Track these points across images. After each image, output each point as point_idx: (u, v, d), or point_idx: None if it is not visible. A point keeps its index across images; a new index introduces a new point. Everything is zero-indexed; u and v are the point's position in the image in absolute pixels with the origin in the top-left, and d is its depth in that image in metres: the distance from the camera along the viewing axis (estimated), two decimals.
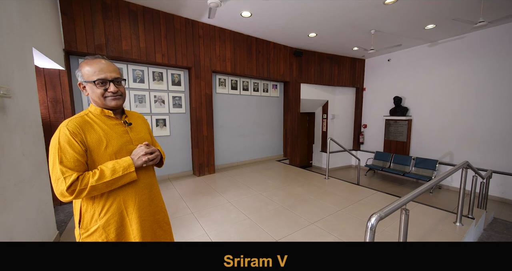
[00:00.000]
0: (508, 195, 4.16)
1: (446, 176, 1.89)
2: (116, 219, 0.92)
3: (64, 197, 0.81)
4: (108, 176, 0.85)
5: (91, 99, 0.95)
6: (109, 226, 0.91)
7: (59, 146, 0.82)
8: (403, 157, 5.54)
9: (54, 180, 0.81)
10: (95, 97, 0.92)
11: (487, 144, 4.43)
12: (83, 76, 0.91)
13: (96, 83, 0.90)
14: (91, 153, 0.88)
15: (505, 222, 3.16)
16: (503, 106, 4.20)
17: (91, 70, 0.90)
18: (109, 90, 0.92)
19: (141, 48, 3.39)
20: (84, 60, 0.93)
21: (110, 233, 0.91)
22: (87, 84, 0.91)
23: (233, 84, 4.80)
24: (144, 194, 1.00)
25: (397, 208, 1.29)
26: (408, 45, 5.29)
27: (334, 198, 3.10)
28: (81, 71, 0.91)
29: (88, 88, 0.92)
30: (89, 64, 0.91)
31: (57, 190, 0.80)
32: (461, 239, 2.10)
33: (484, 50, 4.36)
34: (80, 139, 0.85)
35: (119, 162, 0.90)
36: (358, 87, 6.69)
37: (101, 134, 0.91)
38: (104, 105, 0.95)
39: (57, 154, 0.81)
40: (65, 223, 2.46)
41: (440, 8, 3.41)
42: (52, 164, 0.82)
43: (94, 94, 0.92)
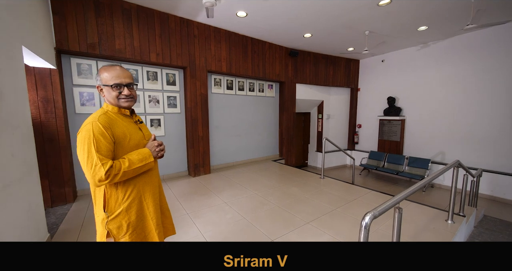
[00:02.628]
0: (497, 193, 4.27)
1: (438, 175, 1.92)
2: (136, 202, 1.06)
3: (100, 181, 0.92)
4: (136, 163, 1.00)
5: (107, 100, 1.09)
6: (131, 209, 1.04)
7: (94, 137, 0.93)
8: (397, 156, 5.62)
9: (91, 166, 0.91)
10: (110, 98, 1.07)
11: (477, 143, 4.54)
12: (101, 81, 1.06)
13: (113, 87, 1.05)
14: (117, 145, 1.01)
15: (494, 219, 3.25)
16: (491, 107, 4.31)
17: (109, 75, 1.05)
18: (123, 93, 1.07)
19: (135, 47, 3.35)
20: (102, 67, 1.08)
21: (131, 215, 1.04)
22: (104, 87, 1.06)
23: (229, 84, 4.78)
24: (155, 181, 1.17)
25: (390, 206, 1.31)
26: (401, 46, 5.37)
27: (329, 197, 3.13)
28: (100, 76, 1.06)
29: (105, 91, 1.07)
30: (107, 70, 1.06)
31: (95, 175, 0.90)
32: (452, 236, 2.14)
33: (474, 52, 4.46)
34: (110, 132, 0.99)
35: (141, 152, 1.05)
36: (353, 88, 6.76)
37: (124, 129, 1.05)
38: (118, 106, 1.09)
39: (93, 144, 0.93)
40: (57, 225, 2.41)
41: (432, 10, 3.48)
42: (87, 153, 0.92)
43: (110, 96, 1.07)
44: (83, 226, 2.40)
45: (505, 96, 4.14)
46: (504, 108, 4.17)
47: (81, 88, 3.21)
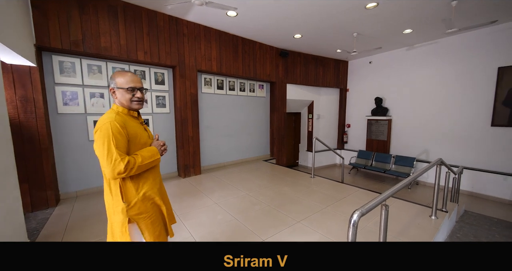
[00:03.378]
0: (477, 189, 4.50)
1: (422, 173, 2.00)
2: (148, 193, 1.19)
3: (119, 174, 1.04)
4: (147, 159, 1.14)
5: (119, 102, 1.19)
6: (145, 199, 1.17)
7: (113, 135, 1.05)
8: (384, 155, 5.79)
9: (111, 161, 1.02)
10: (123, 100, 1.18)
11: (458, 142, 4.75)
12: (116, 84, 1.16)
13: (128, 90, 1.16)
14: (130, 143, 1.13)
15: (474, 214, 3.41)
16: (471, 107, 4.53)
17: (124, 80, 1.17)
18: (136, 96, 1.19)
19: (122, 45, 3.25)
20: (116, 72, 1.20)
21: (146, 203, 1.18)
22: (118, 90, 1.16)
23: (219, 84, 4.75)
24: (159, 176, 1.31)
25: (377, 204, 1.35)
26: (388, 48, 5.54)
27: (320, 196, 3.17)
28: (115, 80, 1.16)
29: (119, 93, 1.17)
30: (122, 75, 1.18)
31: (115, 168, 1.02)
32: (436, 231, 2.23)
33: (456, 54, 4.67)
34: (125, 131, 1.11)
35: (150, 149, 1.19)
36: (342, 88, 6.90)
37: (135, 129, 1.17)
38: (129, 108, 1.20)
39: (112, 141, 1.04)
40: (38, 231, 2.29)
41: (415, 14, 3.61)
42: (107, 149, 1.03)
43: (123, 98, 1.17)
44: (67, 230, 2.30)
45: (484, 97, 4.36)
46: (483, 109, 4.39)
47: (63, 87, 3.08)
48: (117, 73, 1.18)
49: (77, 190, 3.26)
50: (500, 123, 4.20)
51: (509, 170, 4.16)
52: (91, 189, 3.36)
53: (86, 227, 2.37)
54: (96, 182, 3.41)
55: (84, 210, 2.78)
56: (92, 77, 3.27)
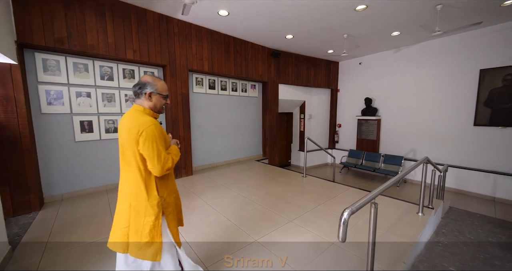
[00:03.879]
0: (461, 186, 4.68)
1: (409, 171, 2.06)
2: (173, 188, 1.36)
3: (167, 170, 1.19)
4: (176, 156, 1.29)
5: (152, 106, 1.26)
6: (170, 195, 1.30)
7: (158, 137, 1.17)
8: (374, 154, 5.92)
9: (161, 160, 1.16)
10: (159, 105, 1.28)
11: (443, 141, 4.93)
12: (157, 89, 1.24)
13: (164, 97, 1.29)
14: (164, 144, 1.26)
15: (459, 210, 3.55)
16: (455, 107, 4.71)
17: (164, 87, 1.28)
18: (167, 102, 1.33)
19: (110, 44, 3.16)
20: (153, 76, 1.27)
21: (171, 198, 1.30)
22: (157, 95, 1.25)
23: (211, 84, 4.71)
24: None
25: (367, 202, 1.37)
26: (377, 50, 5.67)
27: (311, 195, 3.21)
28: (156, 85, 1.24)
29: (155, 98, 1.25)
30: (161, 82, 1.28)
31: (165, 165, 1.17)
32: (423, 228, 2.30)
33: (441, 56, 4.85)
34: (164, 133, 1.26)
35: (174, 148, 1.33)
36: (333, 89, 7.01)
37: (164, 132, 1.27)
38: (159, 111, 1.30)
39: (159, 142, 1.16)
40: (20, 236, 2.19)
41: (403, 17, 3.71)
42: (157, 149, 1.15)
43: (159, 103, 1.27)
44: (52, 235, 2.21)
45: (467, 98, 4.55)
46: (466, 109, 4.58)
47: (47, 86, 2.96)
48: (155, 78, 1.26)
49: (63, 193, 3.14)
50: (481, 123, 4.40)
51: (490, 167, 4.36)
52: (78, 191, 3.25)
53: (73, 231, 2.28)
54: (85, 184, 3.30)
55: (70, 214, 2.68)
56: (78, 76, 3.16)
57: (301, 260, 1.81)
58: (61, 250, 1.97)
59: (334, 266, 1.74)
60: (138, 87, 1.23)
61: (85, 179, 3.31)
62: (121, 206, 1.21)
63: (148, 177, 1.18)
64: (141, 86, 1.22)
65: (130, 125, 1.15)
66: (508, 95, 4.08)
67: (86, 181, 3.32)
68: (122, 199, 1.22)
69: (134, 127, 1.13)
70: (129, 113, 1.23)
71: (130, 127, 1.14)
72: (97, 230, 2.29)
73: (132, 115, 1.20)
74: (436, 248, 2.41)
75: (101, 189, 3.44)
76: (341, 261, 1.80)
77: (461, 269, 2.06)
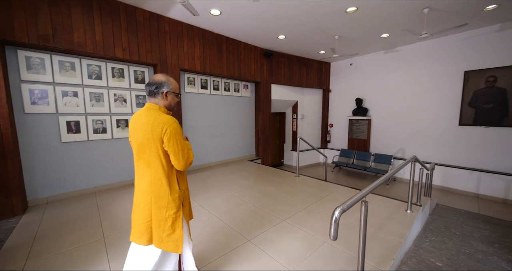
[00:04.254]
0: (447, 184, 4.85)
1: (398, 170, 2.11)
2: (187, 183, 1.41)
3: (190, 163, 1.28)
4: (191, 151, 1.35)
5: (168, 104, 1.32)
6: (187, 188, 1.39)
7: (180, 133, 1.24)
8: (364, 154, 6.04)
9: (185, 154, 1.24)
10: (173, 103, 1.35)
11: (430, 140, 5.09)
12: (172, 88, 1.30)
13: (177, 95, 1.36)
14: None
15: (445, 207, 3.67)
16: (441, 108, 4.88)
17: (177, 85, 1.36)
18: (179, 100, 1.41)
19: (98, 42, 3.08)
20: (166, 75, 1.31)
21: (186, 192, 1.38)
22: (172, 94, 1.31)
23: (203, 84, 4.66)
24: None
25: (357, 200, 1.40)
26: (367, 51, 5.79)
27: (304, 195, 3.23)
28: (172, 84, 1.30)
29: (171, 97, 1.32)
30: (174, 81, 1.34)
31: (188, 159, 1.26)
32: (411, 225, 2.37)
33: (428, 58, 5.00)
34: None
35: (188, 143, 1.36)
36: (325, 89, 7.10)
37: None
38: (172, 109, 1.37)
39: (181, 139, 1.24)
40: (1, 241, 2.09)
41: (391, 19, 3.81)
42: (181, 145, 1.23)
43: (173, 101, 1.35)
44: (36, 240, 2.12)
45: (453, 98, 4.72)
46: (452, 109, 4.74)
47: (31, 85, 2.84)
48: (169, 78, 1.31)
49: (48, 196, 3.03)
50: (466, 123, 4.57)
51: (474, 165, 4.54)
52: (65, 194, 3.14)
53: (58, 236, 2.20)
54: (72, 187, 3.19)
55: (56, 218, 2.58)
56: (65, 74, 3.06)
57: (293, 259, 1.82)
58: (46, 255, 1.89)
59: (326, 264, 1.76)
60: (155, 87, 1.26)
61: (72, 181, 3.20)
62: (140, 203, 1.24)
63: (170, 172, 1.26)
64: (158, 86, 1.26)
65: (153, 124, 1.18)
66: (491, 96, 4.26)
67: (73, 184, 3.21)
68: (141, 196, 1.24)
69: (158, 126, 1.17)
70: (145, 112, 1.24)
71: (153, 126, 1.17)
72: (85, 234, 2.22)
73: (149, 114, 1.22)
74: (423, 243, 2.48)
75: (89, 192, 3.34)
76: (333, 259, 1.82)
77: (447, 263, 2.13)
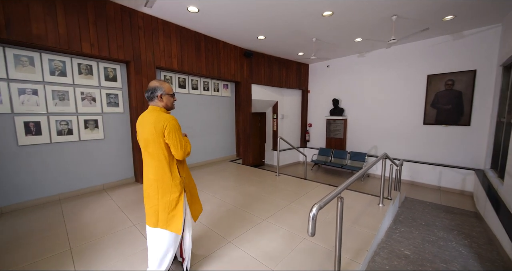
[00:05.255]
0: (415, 178, 5.27)
1: (370, 167, 2.24)
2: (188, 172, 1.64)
3: (188, 154, 1.50)
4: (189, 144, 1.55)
5: (164, 104, 1.52)
6: (187, 177, 1.59)
7: (178, 128, 1.46)
8: (341, 152, 6.33)
9: (182, 146, 1.45)
10: (169, 103, 1.55)
11: (399, 138, 5.49)
12: (165, 91, 1.50)
13: (171, 95, 1.55)
14: None
15: (412, 200, 3.99)
16: (408, 108, 5.29)
17: (170, 87, 1.54)
18: (174, 99, 1.60)
19: (61, 35, 2.81)
20: (159, 80, 1.52)
21: (187, 179, 1.59)
22: (167, 95, 1.51)
23: (181, 83, 4.51)
24: None
25: (333, 197, 1.45)
26: (342, 54, 6.06)
27: (284, 193, 3.28)
28: (164, 87, 1.50)
29: (166, 98, 1.51)
30: (166, 84, 1.53)
31: (185, 151, 1.47)
32: (383, 217, 2.52)
33: (397, 62, 5.39)
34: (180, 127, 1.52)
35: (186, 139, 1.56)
36: (304, 90, 7.29)
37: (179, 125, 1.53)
38: (170, 108, 1.57)
39: (179, 133, 1.46)
40: None
41: (362, 25, 4.03)
42: (179, 138, 1.44)
43: (169, 101, 1.54)
44: (7, 251, 1.87)
45: (418, 99, 5.14)
46: (417, 109, 5.16)
47: None
48: (161, 82, 1.51)
49: (4, 206, 2.70)
50: (429, 122, 5.01)
51: (436, 160, 4.99)
52: (23, 203, 2.83)
53: (18, 249, 1.97)
54: (32, 194, 2.89)
55: (14, 229, 2.31)
56: (21, 70, 2.75)
57: (274, 258, 1.83)
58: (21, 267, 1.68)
59: (306, 260, 1.80)
60: (150, 92, 1.48)
61: (32, 189, 2.89)
62: (149, 190, 1.48)
63: (171, 161, 1.48)
64: (152, 91, 1.48)
65: (155, 122, 1.40)
66: (449, 98, 4.71)
67: (33, 191, 2.90)
68: (149, 184, 1.48)
69: (159, 123, 1.40)
70: (148, 113, 1.48)
71: (155, 123, 1.40)
72: (49, 246, 2.01)
73: (152, 114, 1.46)
74: (394, 234, 2.66)
75: (53, 199, 3.05)
76: (312, 255, 1.87)
77: (414, 252, 2.31)
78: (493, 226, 2.66)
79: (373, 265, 2.04)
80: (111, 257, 1.85)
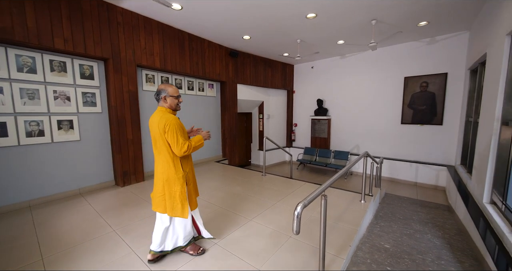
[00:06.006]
0: (394, 175, 5.54)
1: (352, 165, 2.31)
2: (192, 167, 1.84)
3: (184, 152, 1.62)
4: (196, 143, 1.73)
5: (169, 106, 1.70)
6: (190, 172, 1.79)
7: (178, 128, 1.62)
8: (325, 151, 6.49)
9: (179, 144, 1.60)
10: (173, 104, 1.72)
11: (379, 137, 5.75)
12: (168, 93, 1.68)
13: (176, 97, 1.72)
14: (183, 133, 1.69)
15: (392, 196, 4.19)
16: (386, 108, 5.55)
17: (174, 90, 1.71)
18: (179, 101, 1.76)
19: (30, 28, 2.61)
20: (164, 84, 1.71)
21: (190, 173, 1.79)
22: (170, 97, 1.69)
23: (164, 82, 4.38)
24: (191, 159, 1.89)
25: (317, 195, 1.47)
26: (326, 55, 6.23)
27: (270, 193, 3.30)
28: (167, 90, 1.68)
29: (170, 100, 1.69)
30: (170, 86, 1.71)
31: (182, 149, 1.61)
32: (364, 213, 2.62)
33: (376, 65, 5.63)
34: (182, 125, 1.69)
35: (195, 138, 1.77)
36: (289, 90, 7.39)
37: (182, 125, 1.69)
38: (174, 109, 1.75)
39: (178, 132, 1.62)
40: None
41: (346, 28, 4.16)
42: (176, 137, 1.60)
43: (173, 103, 1.71)
44: None
45: (396, 100, 5.41)
46: (395, 110, 5.44)
47: None
48: (166, 85, 1.70)
49: None
50: (406, 122, 5.29)
51: (413, 158, 5.29)
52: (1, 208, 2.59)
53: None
54: (12, 198, 2.65)
55: None
56: None
57: (260, 257, 1.83)
58: None
59: (291, 258, 1.82)
60: (156, 94, 1.69)
61: (15, 192, 2.69)
62: (158, 181, 1.70)
63: (175, 157, 1.67)
64: (158, 93, 1.69)
65: (159, 121, 1.60)
66: (424, 99, 5.01)
67: (17, 195, 2.71)
68: (158, 177, 1.70)
69: (162, 122, 1.59)
70: (156, 113, 1.68)
71: (159, 122, 1.60)
72: (17, 256, 1.85)
73: (158, 114, 1.65)
74: (375, 229, 2.77)
75: (22, 206, 2.81)
76: (297, 252, 1.89)
77: (393, 245, 2.43)
78: (463, 218, 2.87)
79: (355, 260, 2.11)
80: (88, 266, 1.75)
